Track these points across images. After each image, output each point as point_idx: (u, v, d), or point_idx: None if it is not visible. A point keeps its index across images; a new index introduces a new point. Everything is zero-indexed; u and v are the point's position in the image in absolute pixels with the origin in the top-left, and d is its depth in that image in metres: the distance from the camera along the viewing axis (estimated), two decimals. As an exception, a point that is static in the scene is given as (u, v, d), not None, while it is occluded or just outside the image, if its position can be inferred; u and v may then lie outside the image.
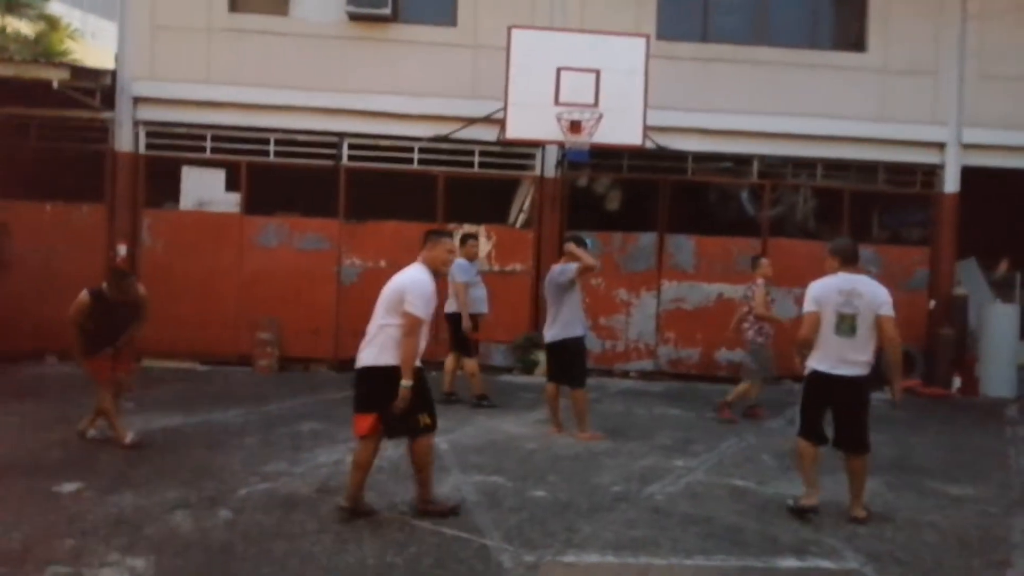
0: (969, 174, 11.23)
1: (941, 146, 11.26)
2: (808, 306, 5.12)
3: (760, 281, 8.25)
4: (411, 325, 4.53)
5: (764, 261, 8.44)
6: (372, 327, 4.82)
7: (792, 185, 11.47)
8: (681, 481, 5.85)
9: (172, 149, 10.67)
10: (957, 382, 10.80)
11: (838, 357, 4.97)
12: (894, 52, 11.20)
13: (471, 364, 8.29)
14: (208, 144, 10.69)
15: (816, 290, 5.13)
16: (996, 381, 10.84)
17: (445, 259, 5.03)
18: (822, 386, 5.09)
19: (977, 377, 10.92)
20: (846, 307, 4.93)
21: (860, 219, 11.60)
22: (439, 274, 5.00)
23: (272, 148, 10.73)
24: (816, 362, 5.11)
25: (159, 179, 10.62)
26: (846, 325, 4.91)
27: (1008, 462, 7.03)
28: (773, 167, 11.31)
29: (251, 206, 10.67)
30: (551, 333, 7.10)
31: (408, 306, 4.55)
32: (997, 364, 10.89)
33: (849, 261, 5.14)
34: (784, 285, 11.04)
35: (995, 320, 11.06)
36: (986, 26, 11.24)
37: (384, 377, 4.63)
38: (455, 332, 8.28)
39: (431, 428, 4.80)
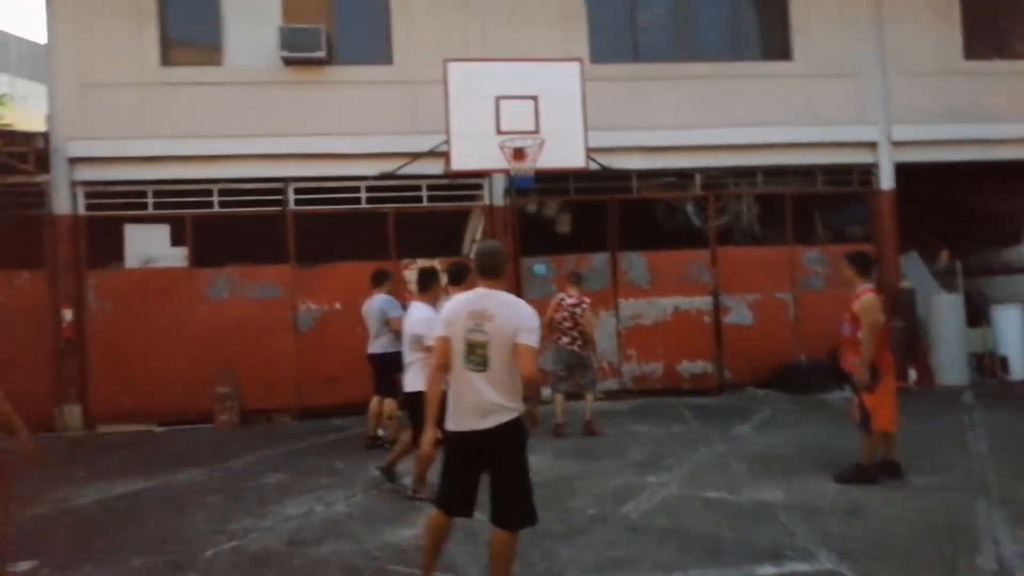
0: (903, 170, 11.63)
1: (873, 145, 11.65)
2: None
3: (587, 300, 8.73)
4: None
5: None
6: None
7: (735, 194, 11.72)
8: (655, 497, 5.85)
9: (113, 208, 10.44)
10: (913, 374, 11.07)
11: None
12: (818, 58, 11.60)
13: (391, 405, 7.96)
14: (150, 200, 10.49)
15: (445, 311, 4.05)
16: (950, 369, 11.16)
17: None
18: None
19: (931, 367, 11.21)
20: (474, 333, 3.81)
21: (803, 221, 11.91)
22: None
23: (216, 199, 10.58)
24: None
25: (102, 239, 10.37)
26: (476, 356, 3.80)
27: (968, 448, 7.21)
28: (715, 178, 11.56)
29: (199, 259, 10.48)
30: None
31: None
32: (949, 353, 11.22)
33: (485, 273, 3.97)
34: (737, 293, 11.27)
35: (943, 310, 11.41)
36: (902, 27, 11.73)
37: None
38: (380, 373, 8.03)
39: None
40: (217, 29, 10.72)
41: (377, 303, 8.10)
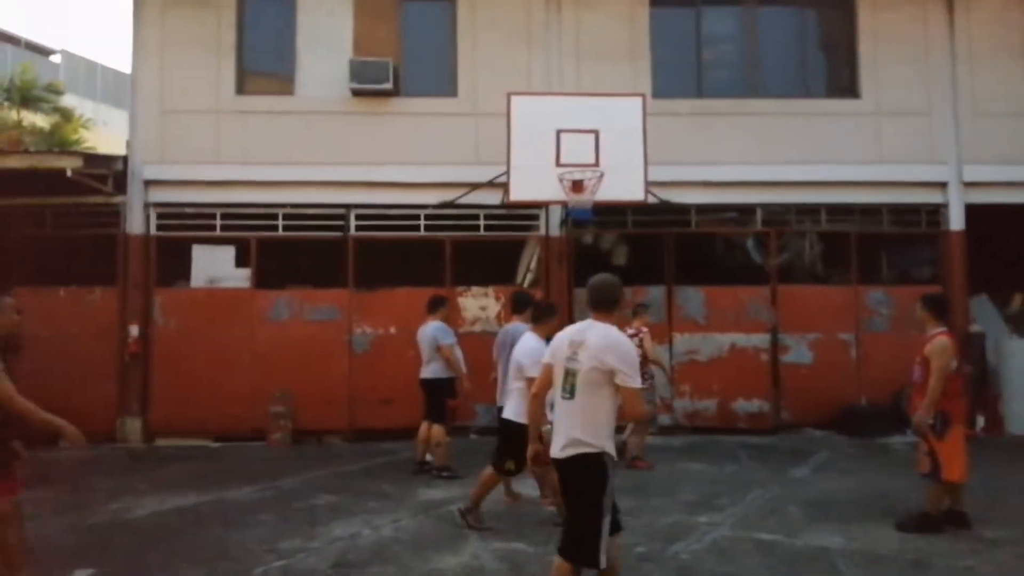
0: (973, 211, 11.25)
1: (943, 185, 11.31)
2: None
3: (645, 329, 8.61)
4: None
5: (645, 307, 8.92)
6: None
7: (797, 231, 11.50)
8: (707, 538, 5.70)
9: (182, 229, 10.86)
10: (981, 421, 10.59)
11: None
12: (887, 96, 11.37)
13: (440, 432, 7.95)
14: (218, 222, 10.87)
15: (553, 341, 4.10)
16: (1021, 418, 10.63)
17: None
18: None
19: (1001, 415, 10.71)
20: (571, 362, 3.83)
21: (869, 261, 11.60)
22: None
23: (280, 223, 10.90)
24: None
25: (170, 258, 10.78)
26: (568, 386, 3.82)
27: (1042, 501, 6.83)
28: (777, 215, 11.37)
29: (261, 280, 10.78)
30: None
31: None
32: (1020, 400, 10.70)
33: (594, 306, 3.97)
34: (796, 331, 11.00)
35: (1015, 356, 10.91)
36: (976, 66, 11.43)
37: None
38: (430, 398, 8.07)
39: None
40: (291, 61, 11.13)
41: (430, 329, 8.19)
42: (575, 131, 9.90)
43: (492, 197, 10.63)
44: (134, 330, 10.44)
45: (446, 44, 11.25)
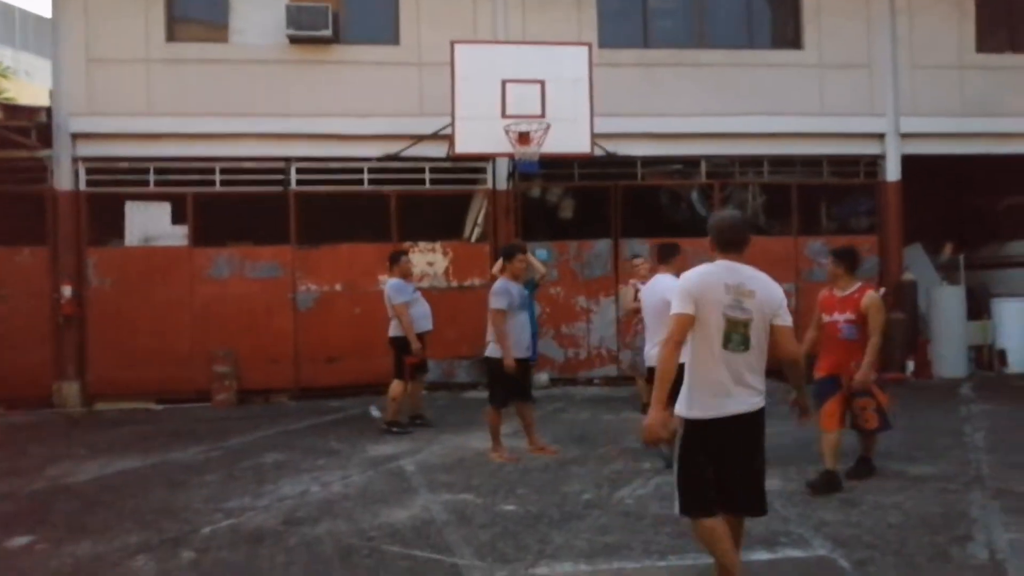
0: (909, 161, 11.56)
1: (881, 136, 11.57)
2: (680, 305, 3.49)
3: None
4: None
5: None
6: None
7: (740, 183, 11.66)
8: (651, 483, 5.85)
9: (114, 185, 10.42)
10: (911, 365, 11.06)
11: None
12: (829, 48, 11.50)
13: (396, 387, 7.86)
14: (152, 177, 10.47)
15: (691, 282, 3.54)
16: (948, 362, 11.15)
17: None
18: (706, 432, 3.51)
19: (930, 359, 11.20)
20: (735, 310, 3.45)
21: (808, 212, 11.85)
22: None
23: (218, 177, 10.55)
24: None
25: (102, 216, 10.36)
26: (739, 334, 3.44)
27: (964, 440, 7.20)
28: (721, 167, 11.50)
29: (200, 238, 10.47)
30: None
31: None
32: (948, 345, 11.20)
33: (731, 247, 3.62)
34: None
35: (944, 303, 11.38)
36: (915, 19, 11.62)
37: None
38: (398, 356, 7.95)
39: None
40: (224, 6, 10.65)
41: (387, 287, 8.09)
42: (521, 81, 9.78)
43: (437, 150, 10.47)
44: (67, 291, 10.06)
45: (388, -11, 10.90)
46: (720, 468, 3.46)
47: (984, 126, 11.47)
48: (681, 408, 3.50)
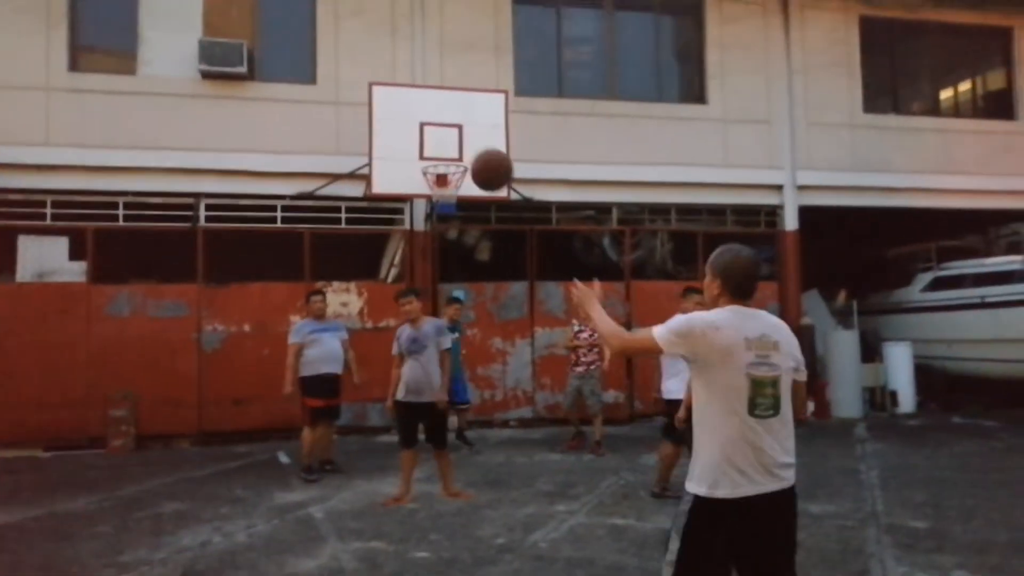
0: (806, 212, 12.25)
1: (779, 188, 12.24)
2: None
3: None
4: None
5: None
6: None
7: (650, 230, 12.06)
8: (564, 526, 5.86)
9: (6, 217, 9.85)
10: (811, 406, 11.56)
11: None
12: (731, 103, 12.15)
13: (304, 433, 7.68)
14: (48, 210, 9.95)
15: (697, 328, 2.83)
16: (845, 403, 11.72)
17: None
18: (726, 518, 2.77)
19: (828, 400, 11.75)
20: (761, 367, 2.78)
21: (714, 258, 12.32)
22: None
23: (121, 212, 10.13)
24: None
25: (-9, 250, 9.76)
26: (766, 398, 2.78)
27: (860, 478, 7.55)
28: (631, 213, 11.88)
29: (100, 274, 9.98)
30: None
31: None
32: (844, 387, 11.79)
33: (745, 293, 2.95)
34: (648, 325, 11.49)
35: (839, 346, 12.00)
36: (809, 79, 12.44)
37: None
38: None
39: None
40: (132, 36, 10.36)
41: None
42: (439, 125, 9.88)
43: (354, 189, 10.40)
44: (-53, 328, 9.36)
45: (306, 28, 10.87)
46: (739, 561, 2.77)
47: (873, 180, 12.32)
48: (691, 484, 2.81)
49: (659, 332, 2.87)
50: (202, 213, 10.35)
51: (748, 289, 2.94)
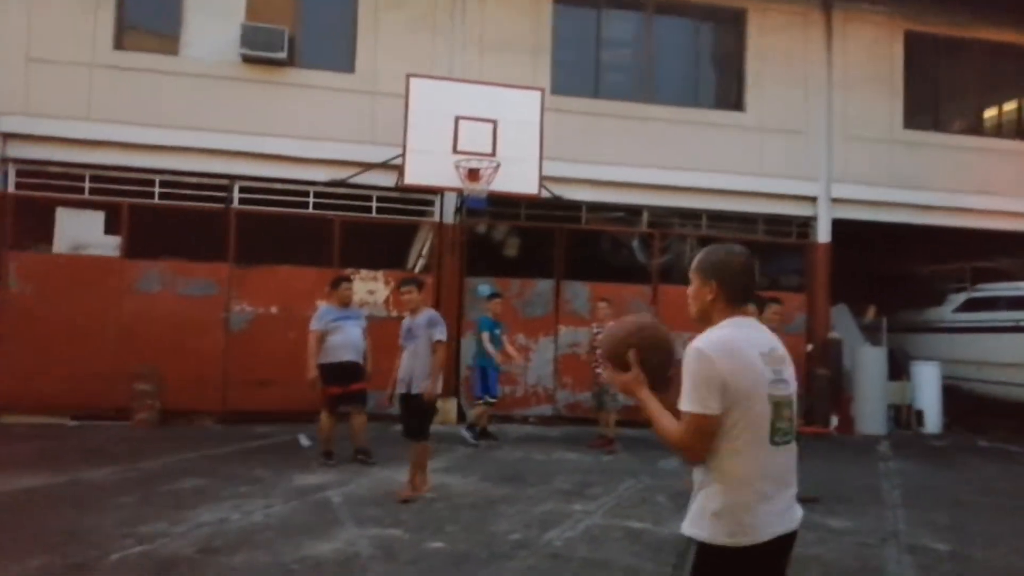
0: (839, 225, 12.10)
1: (813, 200, 12.10)
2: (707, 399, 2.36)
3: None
4: None
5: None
6: None
7: (679, 234, 11.99)
8: (579, 525, 5.85)
9: (46, 189, 10.04)
10: (835, 420, 11.43)
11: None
12: (768, 113, 12.03)
13: (321, 418, 7.74)
14: (87, 184, 10.12)
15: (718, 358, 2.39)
16: (869, 419, 11.55)
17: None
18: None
19: (852, 416, 11.60)
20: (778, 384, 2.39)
21: (743, 267, 12.21)
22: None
23: (157, 189, 10.28)
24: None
25: (30, 220, 9.94)
26: (784, 421, 2.38)
27: (882, 495, 7.44)
28: (661, 217, 11.81)
29: (132, 249, 10.13)
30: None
31: None
32: (869, 403, 11.62)
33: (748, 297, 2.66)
34: (673, 330, 11.42)
35: (867, 362, 11.83)
36: (849, 93, 12.28)
37: None
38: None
39: None
40: (176, 18, 10.50)
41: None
42: (474, 119, 9.90)
43: (386, 179, 10.45)
44: (-17, 294, 9.57)
45: (347, 18, 10.93)
46: None
47: (909, 197, 12.13)
48: (701, 530, 2.36)
49: (693, 406, 2.35)
50: (236, 195, 10.47)
51: (749, 293, 2.57)
